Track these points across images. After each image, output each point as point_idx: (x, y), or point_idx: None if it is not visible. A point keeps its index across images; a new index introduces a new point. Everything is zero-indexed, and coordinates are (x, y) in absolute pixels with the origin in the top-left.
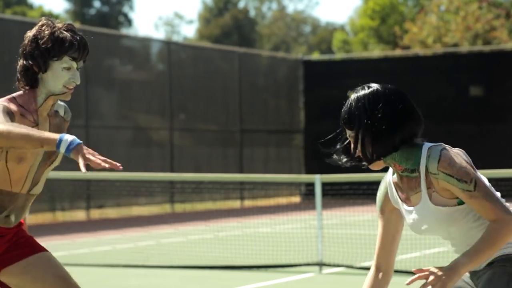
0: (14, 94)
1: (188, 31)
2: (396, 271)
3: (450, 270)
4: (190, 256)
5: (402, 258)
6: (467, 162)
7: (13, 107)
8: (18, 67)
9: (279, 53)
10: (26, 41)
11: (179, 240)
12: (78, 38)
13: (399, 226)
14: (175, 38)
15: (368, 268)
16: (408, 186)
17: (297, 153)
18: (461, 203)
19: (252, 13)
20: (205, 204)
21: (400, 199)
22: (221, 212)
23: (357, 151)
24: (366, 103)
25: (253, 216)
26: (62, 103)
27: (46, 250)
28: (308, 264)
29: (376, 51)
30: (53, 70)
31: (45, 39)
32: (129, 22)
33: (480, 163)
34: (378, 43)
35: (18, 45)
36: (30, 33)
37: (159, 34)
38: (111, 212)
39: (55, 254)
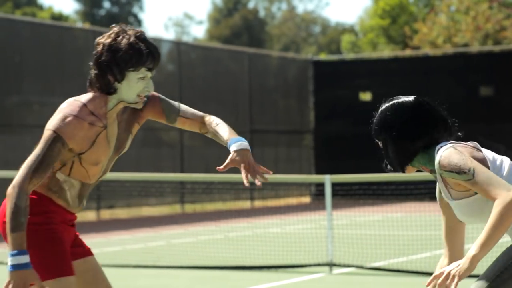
0: (84, 100)
1: (198, 31)
2: (407, 272)
3: (464, 265)
4: (200, 257)
5: (412, 258)
6: (473, 150)
7: (74, 125)
8: (91, 74)
9: (289, 54)
10: (99, 49)
11: (189, 240)
12: (152, 48)
13: (455, 218)
14: (185, 38)
15: (378, 269)
16: (440, 184)
17: (307, 153)
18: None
19: (261, 13)
20: (215, 205)
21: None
22: (231, 212)
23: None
24: (387, 115)
25: (263, 216)
26: None
27: (92, 253)
28: (318, 265)
29: (386, 52)
30: (128, 80)
31: (122, 50)
32: (138, 22)
33: None
34: (387, 43)
35: (28, 46)
36: (103, 41)
37: (169, 35)
38: (121, 213)
39: None
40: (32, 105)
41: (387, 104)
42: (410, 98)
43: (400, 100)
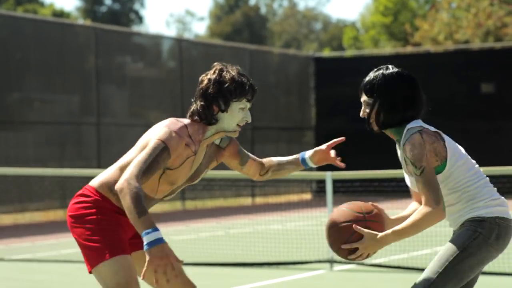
0: (186, 122)
1: (199, 28)
2: (408, 268)
3: (378, 242)
4: (201, 253)
5: (413, 255)
6: (435, 139)
7: (177, 141)
8: (196, 107)
9: (290, 50)
10: (205, 84)
11: (190, 237)
12: (252, 82)
13: None
14: (186, 35)
15: (379, 265)
16: (398, 153)
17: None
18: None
19: (263, 10)
20: (216, 201)
21: None
22: (232, 209)
23: (365, 114)
24: (390, 80)
25: (264, 213)
26: None
27: None
28: (319, 261)
29: (387, 48)
30: (231, 110)
31: (228, 83)
32: (140, 19)
33: (493, 160)
34: (389, 40)
35: (29, 43)
36: (209, 76)
37: (170, 32)
38: None
39: (67, 251)
40: (34, 102)
41: (390, 71)
42: (408, 73)
43: (404, 72)
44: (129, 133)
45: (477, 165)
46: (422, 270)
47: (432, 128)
